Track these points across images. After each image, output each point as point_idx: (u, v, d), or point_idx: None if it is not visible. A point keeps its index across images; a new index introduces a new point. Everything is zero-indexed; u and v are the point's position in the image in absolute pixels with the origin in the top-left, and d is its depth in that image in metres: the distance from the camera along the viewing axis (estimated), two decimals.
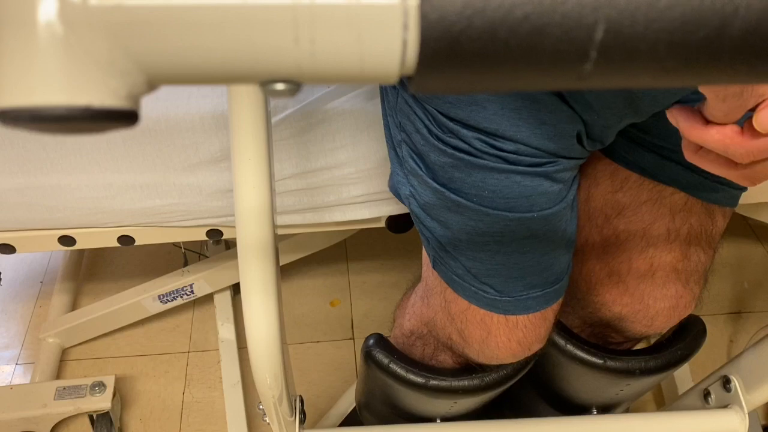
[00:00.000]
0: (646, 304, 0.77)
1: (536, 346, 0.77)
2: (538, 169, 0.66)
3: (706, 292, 1.46)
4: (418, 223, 0.76)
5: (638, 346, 0.88)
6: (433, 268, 0.77)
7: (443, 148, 0.67)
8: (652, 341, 0.86)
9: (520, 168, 0.65)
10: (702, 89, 0.45)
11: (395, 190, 0.80)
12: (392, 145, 0.79)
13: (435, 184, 0.70)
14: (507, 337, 0.75)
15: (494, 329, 0.74)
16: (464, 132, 0.65)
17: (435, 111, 0.67)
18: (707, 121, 0.46)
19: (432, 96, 0.65)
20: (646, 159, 0.74)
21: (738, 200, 0.75)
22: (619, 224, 0.76)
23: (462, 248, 0.71)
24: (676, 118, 0.48)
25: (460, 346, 0.79)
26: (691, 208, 0.74)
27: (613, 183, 0.76)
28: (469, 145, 0.66)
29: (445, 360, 0.86)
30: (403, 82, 0.68)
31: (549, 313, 0.76)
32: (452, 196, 0.68)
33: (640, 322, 0.79)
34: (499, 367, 0.80)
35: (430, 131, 0.68)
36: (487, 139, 0.65)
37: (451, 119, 0.66)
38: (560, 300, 0.76)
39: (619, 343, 0.88)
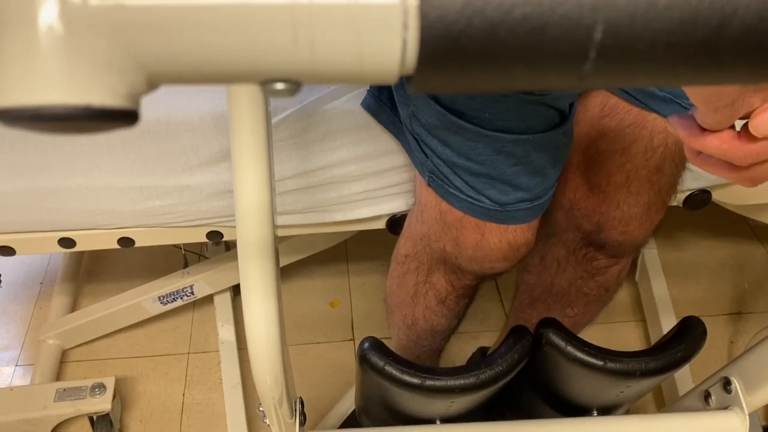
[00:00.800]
0: (621, 210, 0.85)
1: (524, 249, 0.84)
2: (537, 96, 0.72)
3: (705, 293, 1.47)
4: (418, 141, 0.82)
5: (638, 346, 0.88)
6: (429, 185, 0.83)
7: None
8: (652, 343, 0.86)
9: (521, 95, 0.71)
10: (694, 101, 0.47)
11: (376, 113, 0.89)
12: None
13: (437, 107, 0.75)
14: (498, 238, 0.82)
15: (487, 232, 0.82)
16: None
17: None
18: (704, 129, 0.48)
19: None
20: (640, 89, 0.78)
21: None
22: (602, 145, 0.83)
23: (461, 164, 0.77)
24: (675, 127, 0.50)
25: (454, 256, 0.85)
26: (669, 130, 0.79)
27: (603, 110, 0.82)
28: None
29: (438, 281, 0.92)
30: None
31: (535, 222, 0.84)
32: (453, 118, 0.74)
33: (615, 228, 0.86)
34: (494, 363, 0.80)
35: None
36: None
37: None
38: (544, 210, 0.84)
39: (604, 269, 0.95)
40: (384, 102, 0.90)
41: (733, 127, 0.47)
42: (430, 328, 1.02)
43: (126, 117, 0.24)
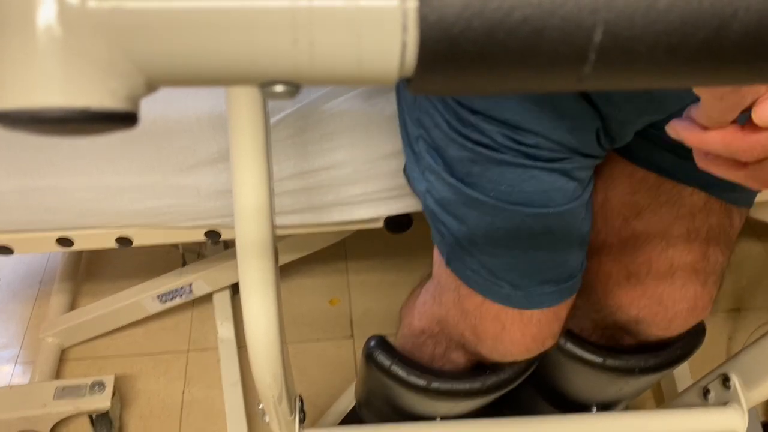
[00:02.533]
0: (665, 306, 0.76)
1: (549, 342, 0.77)
2: (556, 165, 0.66)
3: None
4: (434, 219, 0.76)
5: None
6: (447, 265, 0.77)
7: (463, 142, 0.68)
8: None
9: (539, 164, 0.66)
10: (697, 90, 0.45)
11: (412, 186, 0.82)
12: (408, 142, 0.79)
13: (452, 179, 0.70)
14: (521, 332, 0.75)
15: (509, 324, 0.75)
16: (485, 126, 0.66)
17: (456, 104, 0.67)
18: (705, 128, 0.46)
19: None
20: (665, 158, 0.73)
21: (754, 200, 0.75)
22: (638, 226, 0.76)
23: (478, 244, 0.72)
24: (676, 130, 0.47)
25: (473, 344, 0.79)
26: (711, 207, 0.74)
27: (631, 184, 0.76)
28: (490, 138, 0.66)
29: (458, 358, 0.86)
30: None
31: (561, 310, 0.76)
32: (468, 191, 0.69)
33: (658, 324, 0.78)
34: (502, 368, 0.80)
35: (450, 125, 0.68)
36: (509, 133, 0.65)
37: (473, 111, 0.66)
38: (573, 297, 0.76)
39: (632, 346, 0.87)
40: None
41: (736, 122, 0.46)
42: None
43: (125, 119, 0.24)
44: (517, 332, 0.75)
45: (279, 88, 0.25)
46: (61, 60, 0.22)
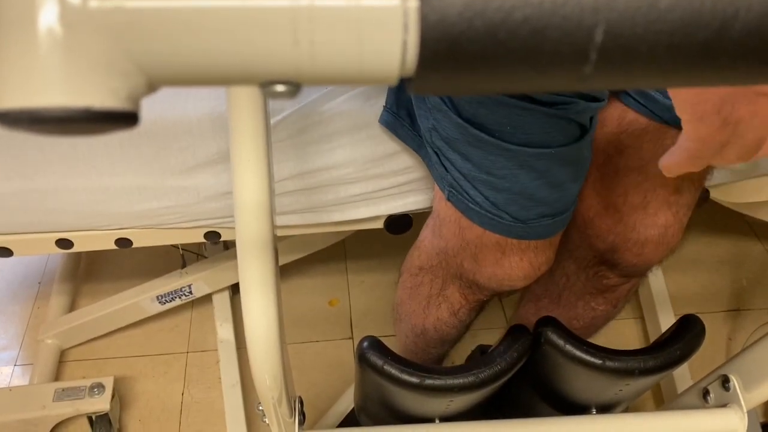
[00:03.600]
0: (637, 232, 0.83)
1: (544, 267, 0.83)
2: (561, 109, 0.70)
3: (703, 290, 1.47)
4: (438, 156, 0.80)
5: (637, 344, 0.88)
6: (448, 200, 0.81)
7: None
8: (650, 340, 0.86)
9: (544, 108, 0.69)
10: (679, 110, 0.49)
11: (393, 128, 0.87)
12: None
13: (459, 120, 0.73)
14: (519, 257, 0.81)
15: (508, 250, 0.80)
16: None
17: None
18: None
19: None
20: (658, 104, 0.77)
21: None
22: (619, 162, 0.81)
23: (481, 179, 0.76)
24: (670, 165, 0.54)
25: (471, 272, 0.84)
26: None
27: (620, 125, 0.80)
28: None
29: (453, 294, 0.91)
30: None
31: (555, 238, 0.83)
32: (475, 131, 0.73)
33: (630, 250, 0.84)
34: (493, 362, 0.80)
35: None
36: None
37: None
38: (565, 226, 0.82)
39: (613, 287, 0.93)
40: (402, 117, 0.89)
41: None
42: (440, 338, 1.01)
43: (126, 119, 0.24)
44: (516, 257, 0.81)
45: (280, 88, 0.25)
46: (62, 59, 0.22)
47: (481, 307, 0.96)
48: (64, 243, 1.03)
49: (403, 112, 0.89)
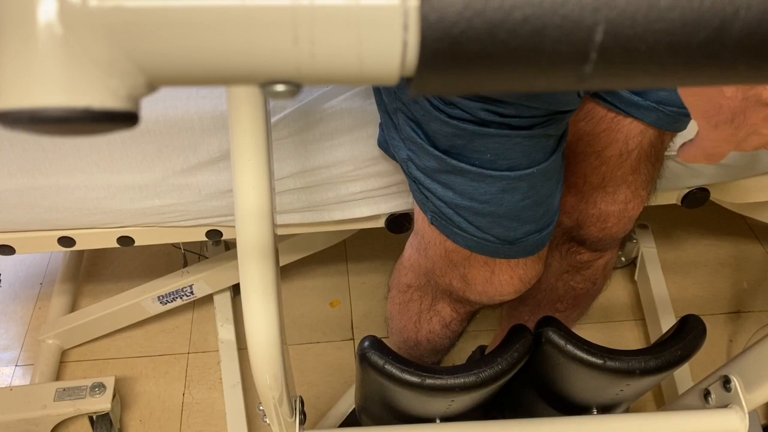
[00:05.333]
0: (598, 208, 0.86)
1: (534, 280, 0.84)
2: (538, 130, 0.69)
3: (704, 292, 1.47)
4: (417, 185, 0.78)
5: (638, 346, 0.88)
6: (432, 224, 0.80)
7: (445, 119, 0.68)
8: (651, 342, 0.86)
9: (522, 132, 0.68)
10: (694, 116, 0.49)
11: (387, 150, 0.85)
12: (386, 110, 0.80)
13: (436, 151, 0.72)
14: (509, 275, 0.80)
15: (497, 269, 0.80)
16: (467, 103, 0.66)
17: None
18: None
19: None
20: (617, 95, 0.77)
21: (687, 125, 0.81)
22: (578, 147, 0.83)
23: (465, 205, 0.75)
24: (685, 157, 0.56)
25: (461, 290, 0.84)
26: (645, 132, 0.79)
27: (578, 114, 0.81)
28: (472, 114, 0.67)
29: (443, 309, 0.91)
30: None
31: (544, 250, 0.83)
32: (454, 162, 0.71)
33: (594, 225, 0.88)
34: (494, 361, 0.80)
35: (431, 103, 0.69)
36: (491, 107, 0.66)
37: None
38: (552, 237, 0.82)
39: (588, 263, 0.96)
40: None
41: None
42: (433, 348, 1.01)
43: (126, 119, 0.24)
44: (506, 275, 0.80)
45: (280, 88, 0.25)
46: (62, 59, 0.22)
47: (472, 317, 0.96)
48: (66, 241, 1.03)
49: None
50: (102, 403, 1.15)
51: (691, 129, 0.84)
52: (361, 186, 0.98)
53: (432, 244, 0.83)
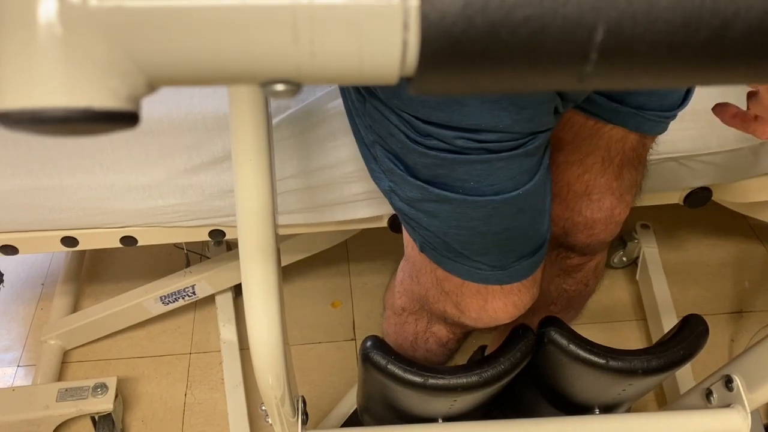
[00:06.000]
0: (584, 216, 0.86)
1: (530, 304, 0.82)
2: (519, 151, 0.68)
3: (706, 292, 1.46)
4: (402, 214, 0.77)
5: (640, 346, 0.88)
6: (421, 251, 0.78)
7: (424, 150, 0.67)
8: (653, 342, 0.86)
9: (503, 155, 0.67)
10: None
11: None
12: (363, 143, 0.78)
13: (417, 182, 0.71)
14: (503, 302, 0.79)
15: (491, 297, 0.78)
16: (445, 133, 0.65)
17: (411, 117, 0.66)
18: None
19: (407, 102, 0.64)
20: (595, 101, 0.76)
21: (666, 128, 0.80)
22: (559, 157, 0.82)
23: (452, 233, 0.73)
24: (724, 118, 0.57)
25: (455, 317, 0.83)
26: (626, 138, 0.79)
27: (559, 124, 0.79)
28: (451, 144, 0.66)
29: (439, 331, 0.90)
30: (371, 91, 0.69)
31: (538, 272, 0.81)
32: (437, 191, 0.70)
33: (581, 232, 0.88)
34: (496, 361, 0.80)
35: (407, 136, 0.68)
36: (469, 136, 0.65)
37: (431, 123, 0.65)
38: (544, 259, 0.81)
39: (579, 266, 0.96)
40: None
41: None
42: (429, 362, 1.01)
43: (126, 119, 0.24)
44: (500, 302, 0.79)
45: (280, 87, 0.25)
46: (63, 59, 0.22)
47: (469, 334, 0.96)
48: (69, 241, 1.03)
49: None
50: (104, 404, 1.15)
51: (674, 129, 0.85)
52: (364, 186, 0.98)
53: (423, 271, 0.82)
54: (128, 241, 1.04)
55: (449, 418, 0.88)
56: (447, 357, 1.00)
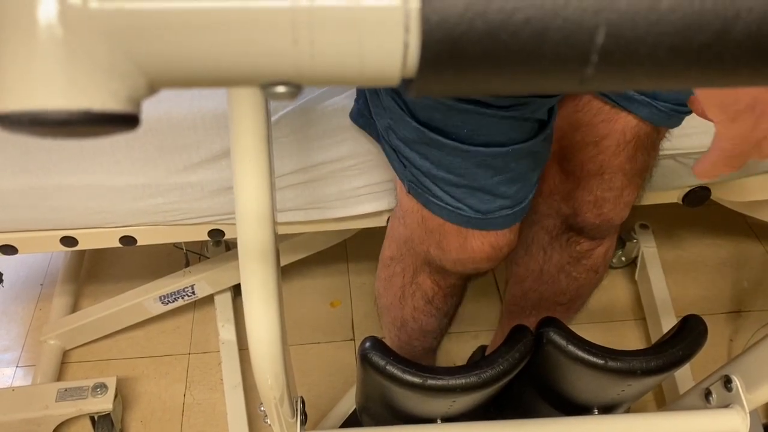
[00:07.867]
0: (594, 195, 0.88)
1: (506, 249, 0.85)
2: (516, 111, 0.71)
3: (705, 292, 1.46)
4: (395, 153, 0.81)
5: (639, 346, 0.88)
6: (408, 192, 0.83)
7: None
8: (652, 342, 0.86)
9: (500, 112, 0.71)
10: (710, 113, 0.48)
11: (362, 124, 0.90)
12: None
13: (415, 123, 0.74)
14: (481, 241, 0.83)
15: (470, 236, 0.83)
16: None
17: None
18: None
19: None
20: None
21: (681, 122, 0.82)
22: (575, 137, 0.85)
23: (440, 176, 0.77)
24: (703, 171, 0.56)
25: (438, 258, 0.86)
26: (641, 125, 0.81)
27: (576, 105, 0.83)
28: None
29: (424, 282, 0.93)
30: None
31: (516, 226, 0.85)
32: (431, 134, 0.73)
33: (590, 210, 0.89)
34: (495, 362, 0.80)
35: None
36: None
37: None
38: (525, 213, 0.85)
39: (589, 251, 0.97)
40: (367, 115, 0.90)
41: None
42: (420, 328, 1.02)
43: (127, 121, 0.24)
44: (478, 241, 0.83)
45: (280, 89, 0.25)
46: (62, 61, 0.22)
47: (457, 294, 0.98)
48: (68, 241, 1.03)
49: (367, 110, 0.90)
50: (104, 404, 1.15)
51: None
52: (364, 180, 0.98)
53: (409, 212, 0.85)
54: (127, 240, 1.04)
55: (448, 419, 0.88)
56: (435, 320, 1.01)
